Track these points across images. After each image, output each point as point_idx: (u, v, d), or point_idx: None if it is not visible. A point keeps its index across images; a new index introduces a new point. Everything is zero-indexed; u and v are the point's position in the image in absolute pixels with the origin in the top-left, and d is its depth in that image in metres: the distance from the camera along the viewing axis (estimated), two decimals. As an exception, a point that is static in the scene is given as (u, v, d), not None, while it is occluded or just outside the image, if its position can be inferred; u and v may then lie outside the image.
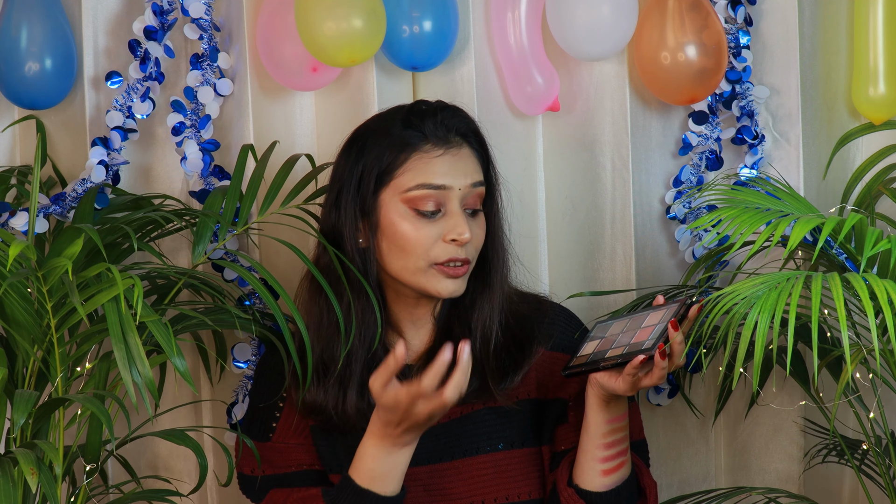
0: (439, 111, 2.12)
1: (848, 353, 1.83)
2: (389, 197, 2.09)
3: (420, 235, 2.07)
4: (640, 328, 2.06)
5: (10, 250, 1.93)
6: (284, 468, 2.13)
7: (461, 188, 2.09)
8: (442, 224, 2.08)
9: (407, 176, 2.08)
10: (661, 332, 2.01)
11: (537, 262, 2.52)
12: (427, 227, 2.08)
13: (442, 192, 2.08)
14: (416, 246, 2.07)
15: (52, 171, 2.50)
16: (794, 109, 2.50)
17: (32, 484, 1.91)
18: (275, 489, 2.14)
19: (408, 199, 2.07)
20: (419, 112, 2.11)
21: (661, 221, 2.54)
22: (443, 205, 2.08)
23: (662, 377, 2.01)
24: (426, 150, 2.08)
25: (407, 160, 2.08)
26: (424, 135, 2.09)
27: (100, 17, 2.47)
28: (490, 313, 2.13)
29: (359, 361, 2.11)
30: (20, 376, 2.17)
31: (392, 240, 2.09)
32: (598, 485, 2.09)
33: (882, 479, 2.27)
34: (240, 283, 2.38)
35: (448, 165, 2.09)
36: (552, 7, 2.43)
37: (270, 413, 2.16)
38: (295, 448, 2.15)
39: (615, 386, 2.04)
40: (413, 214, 2.08)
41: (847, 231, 1.96)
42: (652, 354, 1.99)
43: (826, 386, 2.46)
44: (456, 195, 2.08)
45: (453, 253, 2.08)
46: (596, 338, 2.11)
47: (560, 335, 2.19)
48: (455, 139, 2.11)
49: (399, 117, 2.12)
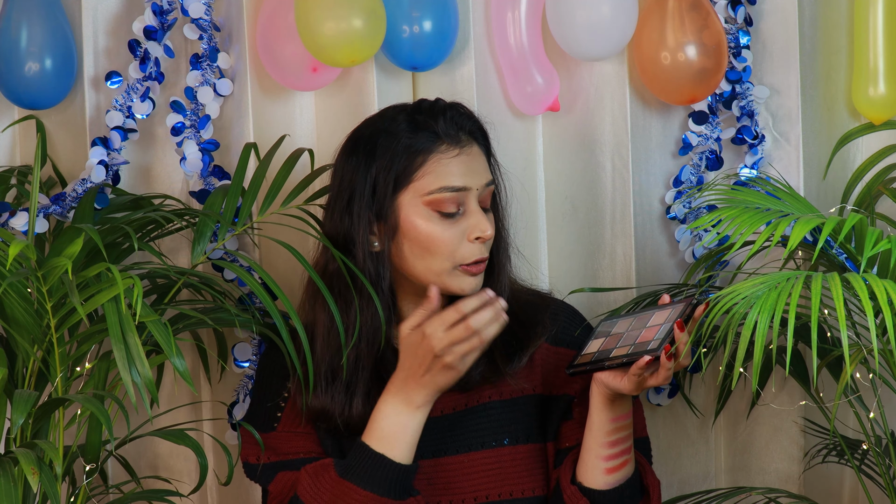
0: (448, 109, 2.13)
1: (847, 353, 1.83)
2: (409, 200, 2.09)
3: (446, 236, 2.09)
4: (645, 327, 2.06)
5: (10, 250, 1.93)
6: (292, 454, 2.13)
7: (478, 188, 2.11)
8: (463, 223, 2.10)
9: (427, 179, 2.09)
10: (667, 332, 2.01)
11: (538, 261, 2.52)
12: (451, 228, 2.09)
13: (462, 193, 2.10)
14: (442, 247, 2.09)
15: (52, 171, 2.50)
16: (794, 109, 2.50)
17: (33, 483, 1.91)
18: (283, 471, 2.13)
19: (430, 202, 2.09)
20: (428, 111, 2.12)
21: (661, 221, 2.54)
22: (462, 204, 2.10)
23: (668, 377, 2.02)
24: (443, 152, 2.10)
25: (425, 163, 2.09)
26: (438, 135, 2.10)
27: (100, 17, 2.47)
28: None
29: (366, 369, 2.12)
30: (20, 376, 2.17)
31: (416, 242, 2.10)
32: (601, 483, 2.10)
33: (882, 479, 2.27)
34: (239, 282, 2.38)
35: (465, 166, 2.10)
36: (552, 7, 2.43)
37: (275, 405, 2.16)
38: (302, 436, 2.14)
39: (620, 385, 2.04)
40: (437, 216, 2.09)
41: (847, 231, 1.95)
42: (658, 355, 1.99)
43: (826, 386, 2.46)
44: (474, 195, 2.11)
45: (479, 253, 2.10)
46: (601, 336, 2.11)
47: (564, 329, 2.20)
48: (465, 138, 2.12)
49: (404, 118, 2.12)
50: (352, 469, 2.05)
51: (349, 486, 2.04)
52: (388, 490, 2.04)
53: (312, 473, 2.08)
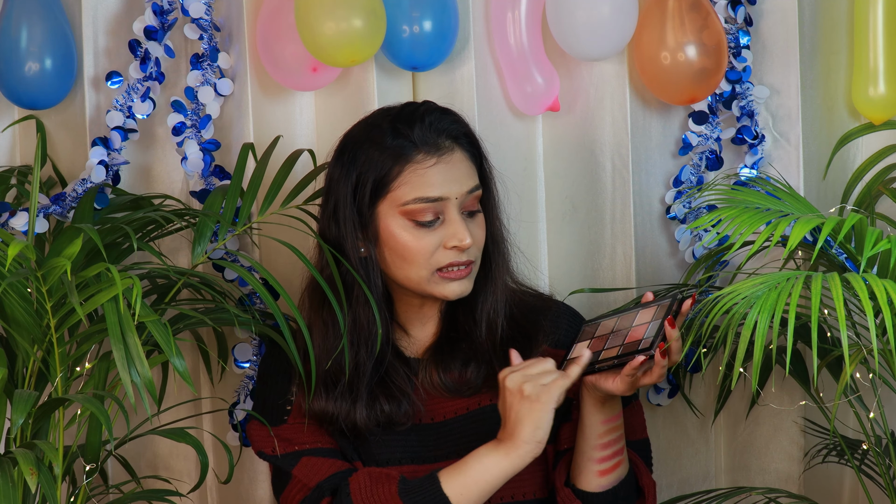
0: (426, 115, 2.10)
1: (847, 353, 1.83)
2: (387, 209, 2.09)
3: (421, 245, 2.08)
4: (631, 327, 2.05)
5: (10, 250, 1.93)
6: (309, 444, 2.11)
7: (458, 196, 2.09)
8: (441, 231, 2.09)
9: (403, 189, 2.07)
10: (658, 329, 2.00)
11: (538, 261, 2.52)
12: (427, 237, 2.08)
13: (439, 203, 2.08)
14: (417, 255, 2.08)
15: (52, 171, 2.50)
16: (794, 109, 2.50)
17: (32, 484, 1.91)
18: (309, 457, 2.10)
19: (406, 213, 2.08)
20: (406, 118, 2.10)
21: (661, 221, 2.54)
22: (441, 213, 2.09)
23: (663, 375, 2.02)
24: (419, 161, 2.08)
25: (401, 173, 2.08)
26: (414, 143, 2.08)
27: (100, 17, 2.47)
28: (494, 305, 2.14)
29: (367, 374, 2.11)
30: (20, 376, 2.17)
31: (394, 250, 2.09)
32: (595, 485, 2.10)
33: (882, 479, 2.27)
34: (240, 282, 2.38)
35: (442, 175, 2.08)
36: (552, 7, 2.43)
37: (284, 400, 2.15)
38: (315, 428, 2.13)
39: (611, 387, 2.04)
40: (412, 225, 2.08)
41: (847, 231, 1.95)
42: (652, 354, 1.99)
43: (826, 386, 2.46)
44: (454, 203, 2.09)
45: (454, 258, 2.09)
46: (585, 338, 2.11)
47: (565, 332, 2.19)
48: (446, 143, 2.10)
49: (386, 125, 2.10)
50: (411, 494, 2.03)
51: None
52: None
53: (375, 477, 2.06)
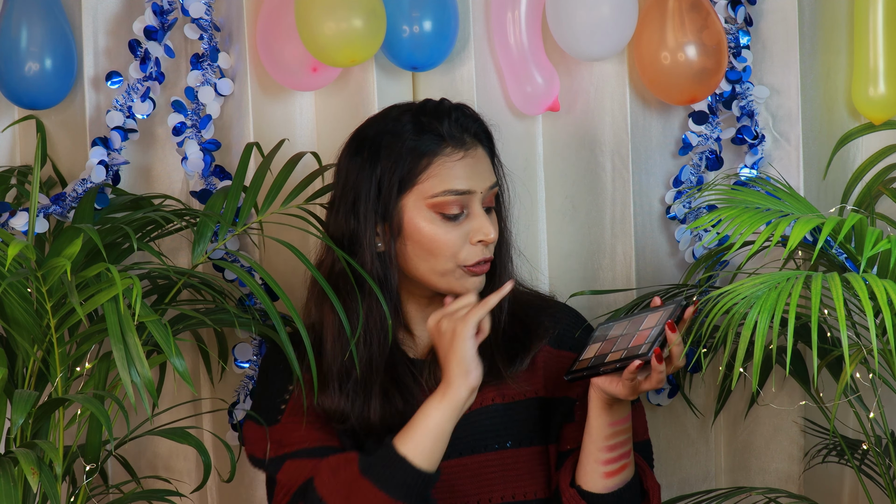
0: (453, 111, 2.13)
1: (847, 353, 1.83)
2: (413, 202, 2.10)
3: (449, 238, 2.09)
4: (637, 331, 2.06)
5: (10, 250, 1.93)
6: (297, 445, 2.10)
7: (482, 191, 2.11)
8: (466, 225, 2.10)
9: (431, 182, 2.09)
10: (657, 335, 2.01)
11: (538, 261, 2.52)
12: (454, 230, 2.10)
13: (466, 196, 2.10)
14: (444, 248, 2.10)
15: (52, 171, 2.50)
16: (794, 109, 2.50)
17: (33, 483, 1.91)
18: (291, 461, 2.10)
19: (434, 205, 2.09)
20: (432, 113, 2.12)
21: (661, 221, 2.54)
22: (466, 207, 2.10)
23: (661, 380, 2.01)
24: (447, 155, 2.10)
25: (429, 165, 2.09)
26: (443, 137, 2.10)
27: (100, 17, 2.47)
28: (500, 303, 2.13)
29: (380, 370, 2.12)
30: (20, 376, 2.17)
31: (419, 243, 2.10)
32: (600, 487, 2.10)
33: (882, 479, 2.27)
34: (240, 283, 2.38)
35: (469, 169, 2.11)
36: (552, 7, 2.43)
37: (280, 398, 2.15)
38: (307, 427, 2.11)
39: (616, 390, 2.04)
40: (440, 219, 2.09)
41: (847, 231, 1.95)
42: (648, 359, 1.99)
43: (826, 386, 2.46)
44: (478, 197, 2.11)
45: (482, 254, 2.11)
46: (597, 340, 2.11)
47: (566, 332, 2.19)
48: (470, 140, 2.12)
49: (408, 119, 2.12)
50: (373, 467, 2.03)
51: (366, 483, 2.02)
52: (405, 495, 2.01)
53: (334, 466, 2.05)
